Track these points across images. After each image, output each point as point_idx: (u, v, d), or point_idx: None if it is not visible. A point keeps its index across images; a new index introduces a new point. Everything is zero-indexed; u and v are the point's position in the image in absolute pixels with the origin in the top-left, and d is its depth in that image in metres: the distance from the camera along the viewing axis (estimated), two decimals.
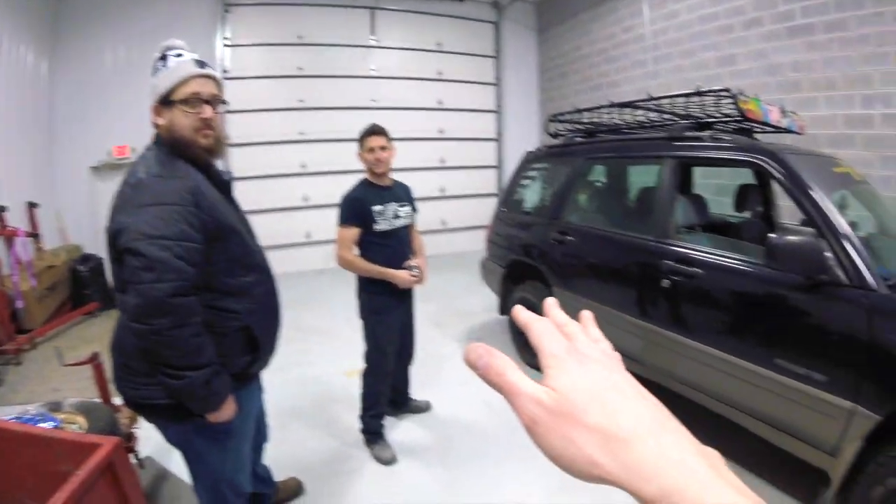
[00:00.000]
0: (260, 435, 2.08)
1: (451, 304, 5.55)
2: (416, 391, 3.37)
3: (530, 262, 3.90)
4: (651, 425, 0.33)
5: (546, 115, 4.49)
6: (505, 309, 4.32)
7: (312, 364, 4.02)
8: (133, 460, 2.18)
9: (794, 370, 2.25)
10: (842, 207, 2.42)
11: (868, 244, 2.27)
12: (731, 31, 5.56)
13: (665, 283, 2.80)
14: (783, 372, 2.29)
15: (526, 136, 8.42)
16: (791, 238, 2.22)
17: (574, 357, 0.38)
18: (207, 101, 1.53)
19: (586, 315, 0.46)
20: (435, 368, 3.92)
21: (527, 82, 8.88)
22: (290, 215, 7.21)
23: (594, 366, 0.37)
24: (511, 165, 5.50)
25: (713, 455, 0.33)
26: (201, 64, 1.55)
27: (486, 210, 5.99)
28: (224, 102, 1.61)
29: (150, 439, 2.39)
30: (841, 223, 2.26)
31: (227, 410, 1.54)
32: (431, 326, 4.81)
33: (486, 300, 5.23)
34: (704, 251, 2.76)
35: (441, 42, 8.06)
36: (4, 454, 1.47)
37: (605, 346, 0.42)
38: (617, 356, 0.41)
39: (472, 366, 0.39)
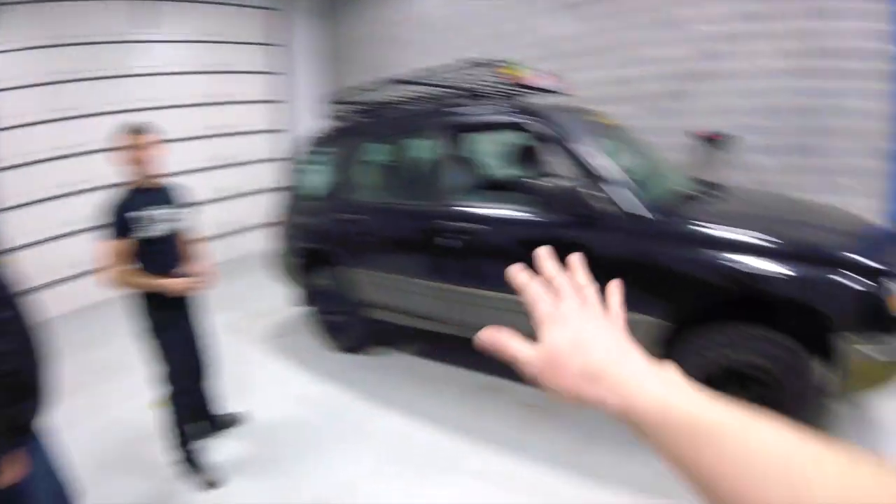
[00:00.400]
0: (63, 499, 1.83)
1: (249, 307, 5.39)
2: (229, 403, 3.25)
3: (325, 247, 3.93)
4: (616, 356, 0.47)
5: (330, 102, 4.49)
6: (306, 299, 4.30)
7: (112, 406, 3.62)
8: None
9: None
10: (604, 152, 2.79)
11: (634, 181, 2.65)
12: (506, 8, 6.14)
13: (447, 241, 3.03)
14: None
15: (311, 125, 8.27)
16: (557, 182, 2.54)
17: (557, 318, 0.51)
18: None
19: (573, 261, 0.58)
20: (244, 376, 3.82)
21: (316, 70, 8.73)
22: (54, 245, 6.04)
23: (573, 321, 0.50)
24: (297, 157, 5.41)
25: (668, 368, 0.47)
26: None
27: (274, 206, 5.80)
28: None
29: None
30: (604, 165, 2.61)
31: (11, 471, 1.38)
32: (232, 334, 4.61)
33: (282, 297, 5.16)
34: (485, 208, 3.03)
35: (222, 32, 7.46)
36: None
37: (589, 291, 0.54)
38: (594, 299, 0.54)
39: (486, 346, 0.52)
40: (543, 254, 0.56)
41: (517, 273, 0.55)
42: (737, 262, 2.25)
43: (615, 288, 0.57)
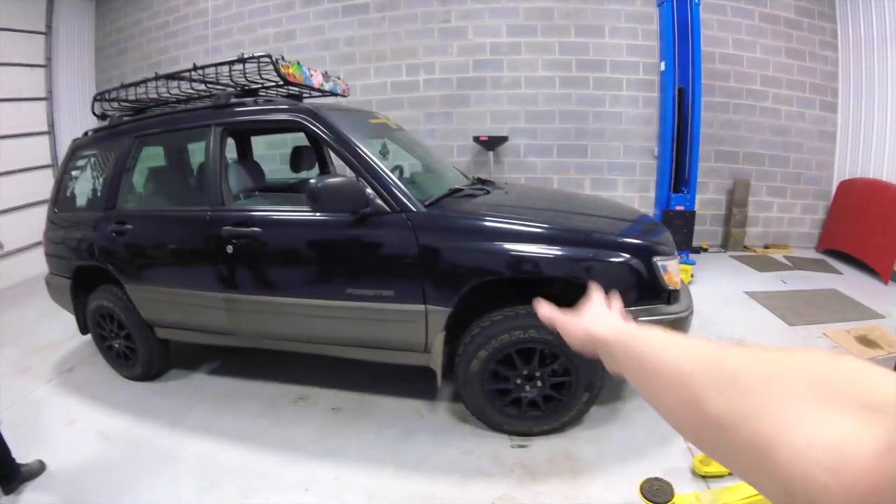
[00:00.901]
0: None
1: (30, 341, 4.59)
2: (21, 453, 2.72)
3: (96, 263, 3.47)
4: (600, 321, 0.73)
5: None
6: (85, 326, 3.78)
7: None
8: None
9: (365, 294, 2.61)
10: (384, 153, 2.85)
11: (409, 179, 2.74)
12: (290, 7, 5.95)
13: (229, 248, 2.86)
14: (357, 298, 2.63)
15: (84, 124, 7.25)
16: (330, 180, 2.50)
17: (578, 314, 0.78)
18: None
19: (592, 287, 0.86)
20: (35, 419, 3.29)
21: (83, 63, 7.64)
22: None
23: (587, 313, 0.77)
24: None
25: (627, 319, 0.73)
26: None
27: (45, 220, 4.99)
28: None
29: None
30: (377, 163, 2.65)
31: None
32: (15, 374, 3.95)
33: (68, 325, 4.50)
34: (260, 210, 2.93)
35: None
36: None
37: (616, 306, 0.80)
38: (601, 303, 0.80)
39: (548, 322, 0.82)
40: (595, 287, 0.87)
41: (541, 306, 0.85)
42: (508, 249, 2.44)
43: (617, 296, 0.86)
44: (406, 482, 2.47)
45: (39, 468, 2.77)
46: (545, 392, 2.59)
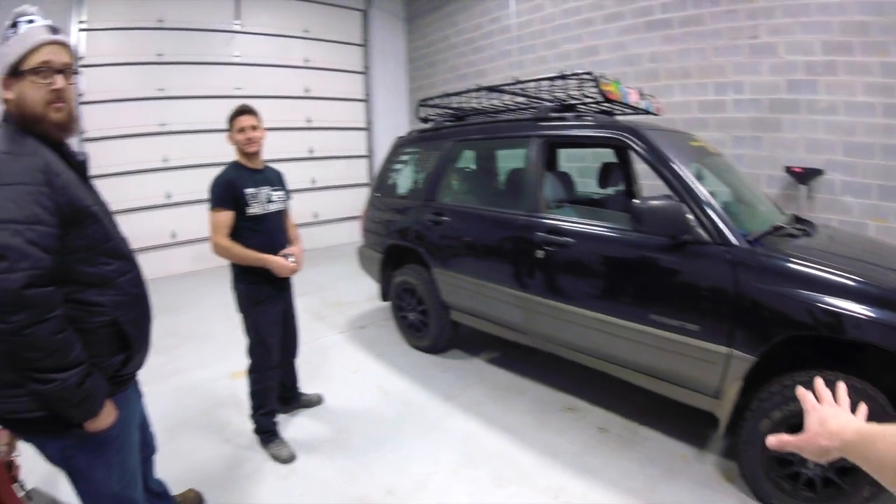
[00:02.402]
0: (147, 447, 1.95)
1: (330, 295, 5.53)
2: (306, 385, 3.34)
3: (408, 244, 3.97)
4: (837, 420, 0.80)
5: (415, 103, 4.58)
6: (386, 294, 4.37)
7: (193, 370, 3.81)
8: (19, 493, 1.94)
9: (668, 323, 2.49)
10: (699, 177, 2.73)
11: (726, 208, 2.54)
12: (592, 24, 6.05)
13: (539, 253, 3.00)
14: (659, 326, 2.52)
15: (395, 124, 8.50)
16: (654, 202, 2.43)
17: (815, 411, 0.85)
18: (59, 71, 1.40)
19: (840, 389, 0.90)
20: (321, 360, 3.92)
21: (395, 71, 8.94)
22: (153, 214, 6.58)
23: (822, 412, 0.84)
24: (381, 154, 5.56)
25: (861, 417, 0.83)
26: (53, 30, 1.41)
27: (358, 200, 5.96)
28: (76, 73, 1.48)
29: (33, 470, 2.18)
30: (700, 189, 2.53)
31: (107, 416, 1.45)
32: (313, 319, 4.77)
33: (365, 289, 5.31)
34: (574, 221, 2.98)
35: (308, 29, 7.82)
36: None
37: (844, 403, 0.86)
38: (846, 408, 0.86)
39: (776, 449, 0.90)
40: (820, 385, 0.91)
41: (802, 392, 0.92)
42: (830, 303, 2.10)
43: (844, 390, 0.89)
44: None
45: (317, 400, 3.31)
46: (826, 474, 2.19)
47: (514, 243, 3.19)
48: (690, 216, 2.44)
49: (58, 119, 1.40)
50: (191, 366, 3.88)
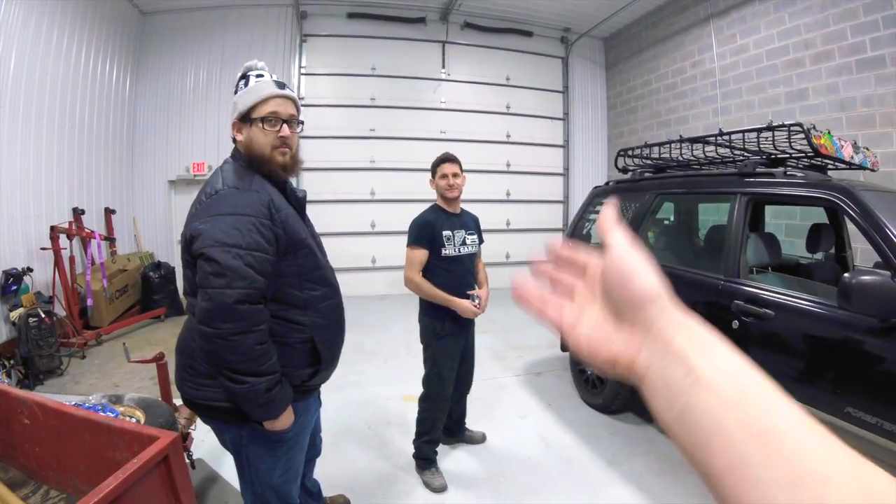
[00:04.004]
0: (313, 449, 2.08)
1: (511, 337, 5.46)
2: (472, 422, 3.30)
3: None
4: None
5: (614, 150, 4.39)
6: (566, 345, 4.14)
7: (370, 386, 4.03)
8: (186, 460, 2.24)
9: (864, 419, 2.07)
10: None
11: None
12: (800, 65, 5.35)
13: (735, 324, 2.63)
14: (853, 421, 2.10)
15: (593, 171, 8.38)
16: (866, 278, 2.05)
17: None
18: (285, 121, 1.58)
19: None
20: (492, 400, 3.85)
21: (594, 117, 8.84)
22: (358, 240, 7.39)
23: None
24: (578, 201, 5.42)
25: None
26: (281, 85, 1.61)
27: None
28: (301, 123, 1.67)
29: (203, 442, 2.46)
30: None
31: (285, 420, 1.55)
32: (491, 359, 4.76)
33: (546, 335, 5.10)
34: (776, 291, 2.58)
35: (510, 76, 8.17)
36: (62, 437, 1.51)
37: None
38: None
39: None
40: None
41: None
42: None
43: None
44: None
45: (481, 438, 3.22)
46: None
47: (709, 309, 2.82)
48: None
49: (282, 162, 1.60)
50: (368, 382, 4.10)
